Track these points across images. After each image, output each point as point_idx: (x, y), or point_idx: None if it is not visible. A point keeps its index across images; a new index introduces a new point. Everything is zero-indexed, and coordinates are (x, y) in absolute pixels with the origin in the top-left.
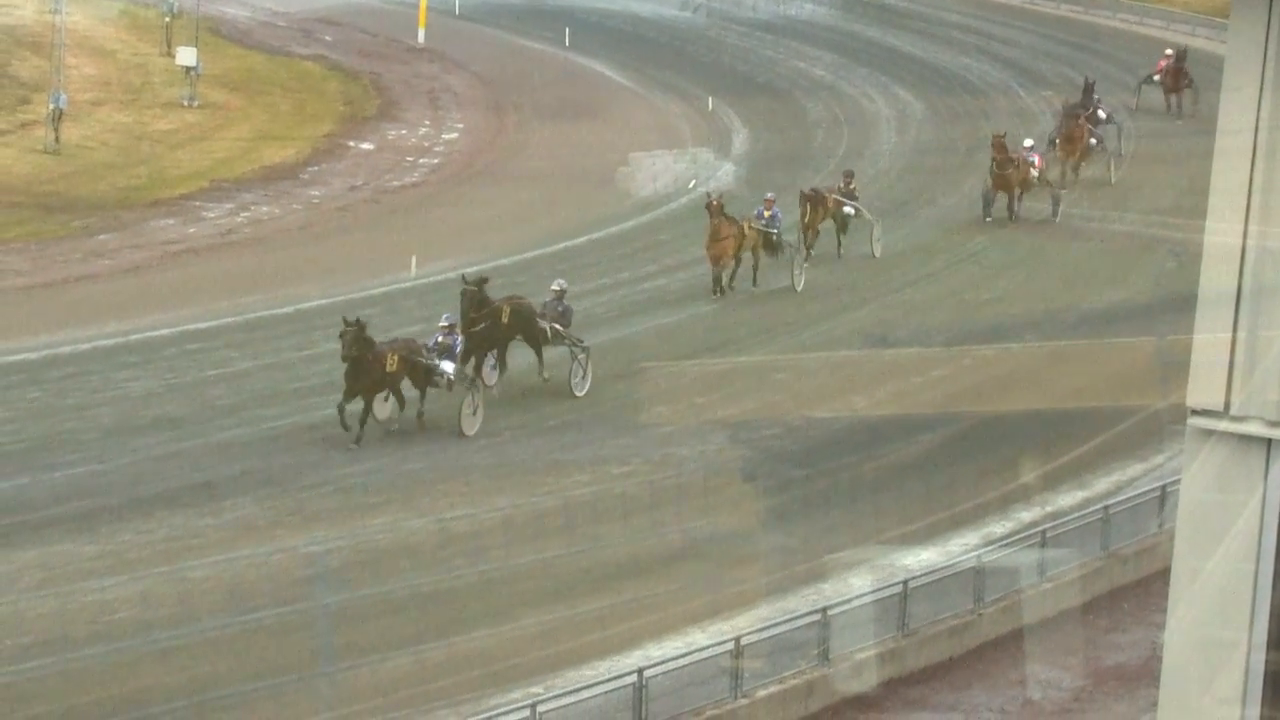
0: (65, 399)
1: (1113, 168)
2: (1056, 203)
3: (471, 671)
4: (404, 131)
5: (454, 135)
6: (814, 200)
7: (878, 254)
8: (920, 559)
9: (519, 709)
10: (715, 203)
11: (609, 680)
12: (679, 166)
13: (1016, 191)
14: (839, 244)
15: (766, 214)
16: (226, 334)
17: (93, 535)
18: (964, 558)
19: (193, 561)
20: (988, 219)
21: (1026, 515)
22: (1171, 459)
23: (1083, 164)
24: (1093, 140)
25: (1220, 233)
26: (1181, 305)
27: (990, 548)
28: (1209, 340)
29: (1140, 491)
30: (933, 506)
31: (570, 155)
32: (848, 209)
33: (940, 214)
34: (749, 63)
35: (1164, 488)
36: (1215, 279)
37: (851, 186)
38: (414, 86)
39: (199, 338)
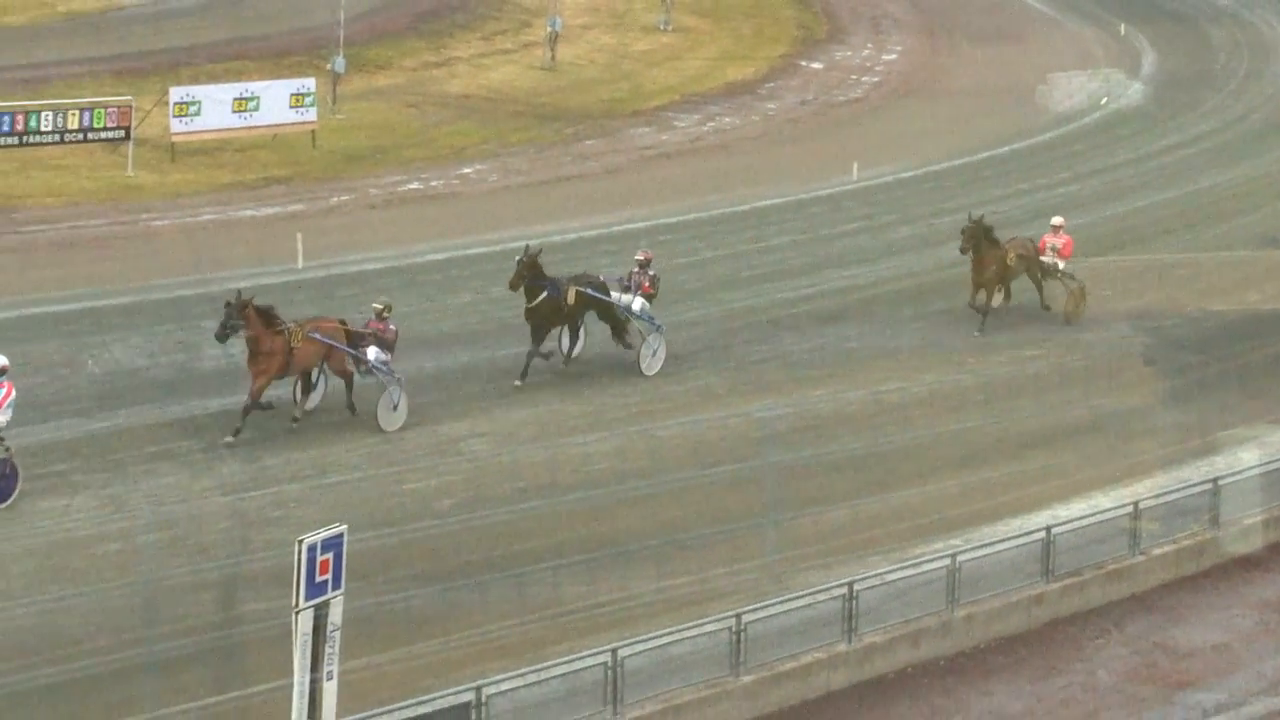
0: None
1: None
2: None
3: (899, 524)
4: (849, 53)
5: (892, 56)
6: None
7: None
8: None
9: (941, 558)
10: None
11: (1020, 536)
12: (1092, 85)
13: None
14: None
15: None
16: (693, 227)
17: (577, 397)
18: None
19: (662, 422)
20: None
21: None
22: None
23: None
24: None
25: None
26: None
27: None
28: None
29: None
30: None
31: (994, 75)
32: None
33: None
34: None
35: None
36: None
37: None
38: (859, 13)
39: (669, 230)
